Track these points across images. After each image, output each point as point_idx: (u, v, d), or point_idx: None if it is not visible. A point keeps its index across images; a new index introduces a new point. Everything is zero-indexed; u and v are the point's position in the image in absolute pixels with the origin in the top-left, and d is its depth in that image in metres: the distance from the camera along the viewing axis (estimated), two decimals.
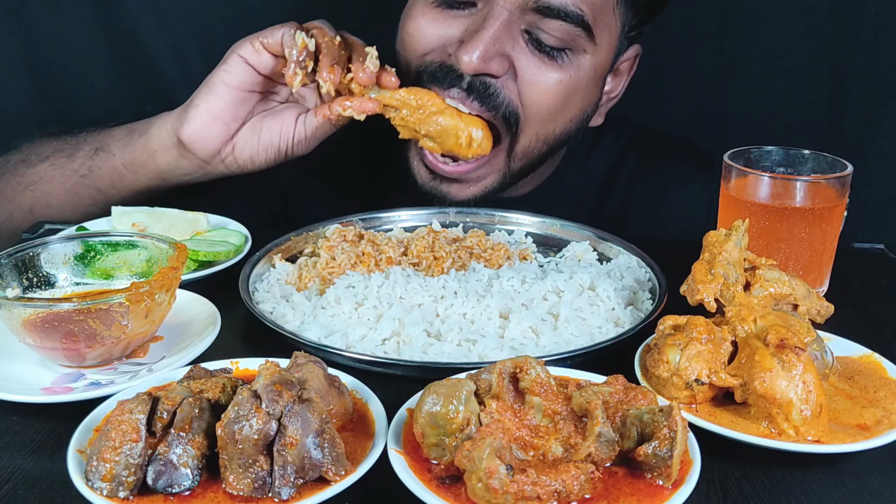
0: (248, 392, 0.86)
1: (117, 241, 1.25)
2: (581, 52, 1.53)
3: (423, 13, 1.55)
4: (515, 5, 1.46)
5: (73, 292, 1.22)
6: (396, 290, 1.28)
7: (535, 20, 1.48)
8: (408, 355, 1.16)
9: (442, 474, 0.87)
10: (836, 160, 1.36)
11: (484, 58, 1.45)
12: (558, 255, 1.52)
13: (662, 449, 0.85)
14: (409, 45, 1.57)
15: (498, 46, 1.47)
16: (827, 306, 1.21)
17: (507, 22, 1.47)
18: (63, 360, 1.10)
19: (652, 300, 1.33)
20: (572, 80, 1.54)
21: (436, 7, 1.54)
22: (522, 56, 1.50)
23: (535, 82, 1.51)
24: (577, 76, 1.55)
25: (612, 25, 1.56)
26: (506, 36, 1.47)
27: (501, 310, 1.25)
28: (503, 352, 1.16)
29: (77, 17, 2.19)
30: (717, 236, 1.20)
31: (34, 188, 1.60)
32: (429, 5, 1.55)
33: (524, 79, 1.51)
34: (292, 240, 1.50)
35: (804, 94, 2.23)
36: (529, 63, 1.51)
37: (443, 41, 1.53)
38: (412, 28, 1.56)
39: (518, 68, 1.51)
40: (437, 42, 1.53)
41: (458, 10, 1.52)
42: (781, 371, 0.97)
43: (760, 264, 1.18)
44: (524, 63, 1.50)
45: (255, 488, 0.84)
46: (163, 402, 0.88)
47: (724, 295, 1.13)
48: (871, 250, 1.64)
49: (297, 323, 1.25)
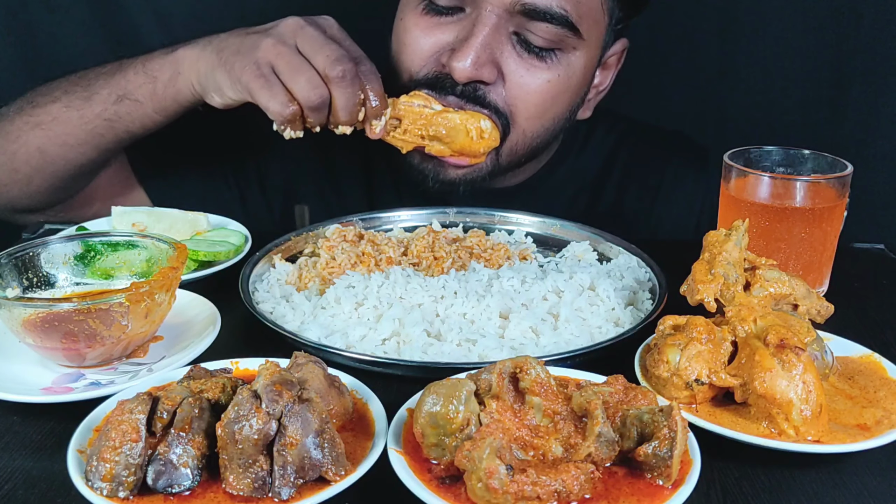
0: (248, 392, 0.86)
1: (117, 241, 1.25)
2: (570, 51, 1.55)
3: (415, 23, 1.56)
4: (503, 9, 1.48)
5: (73, 292, 1.22)
6: (396, 290, 1.28)
7: (522, 22, 1.50)
8: (408, 355, 1.16)
9: (442, 474, 0.87)
10: (836, 160, 1.36)
11: (476, 65, 1.48)
12: (558, 255, 1.52)
13: (662, 449, 0.85)
14: (405, 57, 1.58)
15: (489, 52, 1.49)
16: (827, 306, 1.21)
17: (495, 26, 1.49)
18: (63, 360, 1.10)
19: (652, 300, 1.33)
20: (561, 79, 1.56)
21: (426, 14, 1.55)
22: (511, 60, 1.52)
23: (524, 83, 1.53)
24: (567, 74, 1.56)
25: (599, 21, 1.57)
26: (495, 41, 1.50)
27: (501, 310, 1.25)
28: (503, 352, 1.16)
29: (77, 17, 2.19)
30: (716, 236, 1.20)
31: (46, 128, 1.57)
32: (419, 14, 1.56)
33: (513, 81, 1.53)
34: (292, 240, 1.50)
35: (804, 94, 2.23)
36: (518, 66, 1.53)
37: (435, 49, 1.54)
38: (407, 39, 1.57)
39: (507, 72, 1.53)
40: (431, 51, 1.55)
41: (447, 16, 1.54)
42: (781, 371, 0.97)
43: (760, 264, 1.18)
44: (513, 66, 1.52)
45: (255, 488, 0.84)
46: (163, 402, 0.88)
47: (724, 295, 1.14)
48: (871, 250, 1.64)
49: (297, 323, 1.25)
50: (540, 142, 1.64)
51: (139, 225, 1.51)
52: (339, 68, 1.36)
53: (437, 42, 1.54)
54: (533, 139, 1.61)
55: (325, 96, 1.38)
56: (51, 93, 1.60)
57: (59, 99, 1.58)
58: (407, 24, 1.58)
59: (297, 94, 1.37)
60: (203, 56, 1.47)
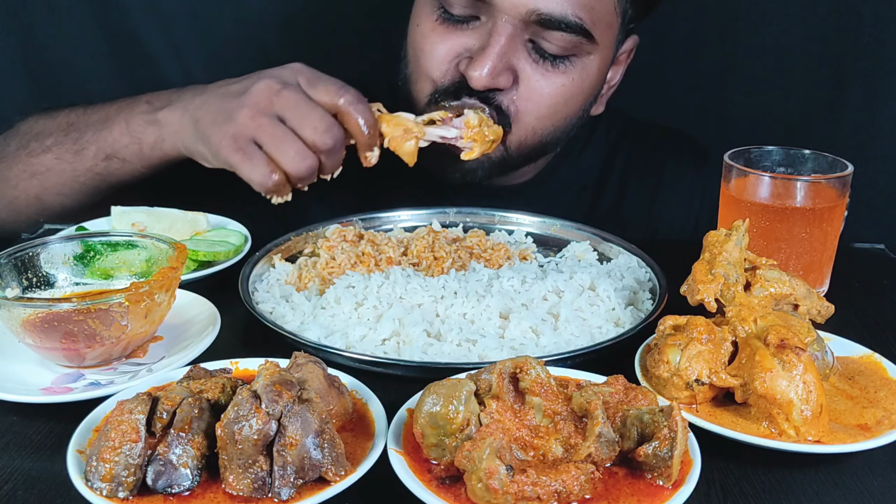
0: (248, 392, 0.86)
1: (117, 241, 1.25)
2: (584, 55, 1.55)
3: (432, 29, 1.56)
4: (519, 18, 1.48)
5: (72, 292, 1.22)
6: (396, 290, 1.28)
7: (537, 31, 1.50)
8: (408, 355, 1.16)
9: (442, 474, 0.87)
10: (837, 160, 1.36)
11: (493, 73, 1.48)
12: (558, 255, 1.52)
13: (663, 449, 0.85)
14: (424, 64, 1.57)
15: (505, 61, 1.50)
16: (827, 306, 1.21)
17: (511, 35, 1.49)
18: (63, 360, 1.10)
19: (652, 300, 1.33)
20: (575, 83, 1.57)
21: (441, 24, 1.55)
22: (527, 66, 1.53)
23: (538, 87, 1.54)
24: (581, 78, 1.57)
25: (612, 23, 1.58)
26: (511, 49, 1.50)
27: (501, 310, 1.25)
28: (503, 352, 1.16)
29: (77, 18, 2.19)
30: (717, 236, 1.20)
31: (42, 178, 1.59)
32: (434, 22, 1.56)
33: (527, 86, 1.53)
34: (292, 240, 1.50)
35: (804, 94, 2.23)
36: (534, 72, 1.53)
37: (453, 55, 1.54)
38: (426, 46, 1.57)
39: (522, 77, 1.53)
40: (449, 57, 1.55)
41: (462, 25, 1.54)
42: (782, 371, 0.97)
43: (761, 264, 1.18)
44: (528, 73, 1.53)
45: (254, 488, 0.84)
46: (162, 403, 0.87)
47: (724, 295, 1.13)
48: (871, 250, 1.64)
49: (297, 323, 1.25)
50: (551, 139, 1.64)
51: (139, 225, 1.51)
52: (328, 140, 1.31)
53: (454, 48, 1.54)
54: (543, 136, 1.61)
55: (314, 166, 1.33)
56: (43, 140, 1.61)
57: (50, 149, 1.59)
58: (424, 30, 1.58)
59: (286, 166, 1.31)
60: (183, 124, 1.43)
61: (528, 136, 1.59)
